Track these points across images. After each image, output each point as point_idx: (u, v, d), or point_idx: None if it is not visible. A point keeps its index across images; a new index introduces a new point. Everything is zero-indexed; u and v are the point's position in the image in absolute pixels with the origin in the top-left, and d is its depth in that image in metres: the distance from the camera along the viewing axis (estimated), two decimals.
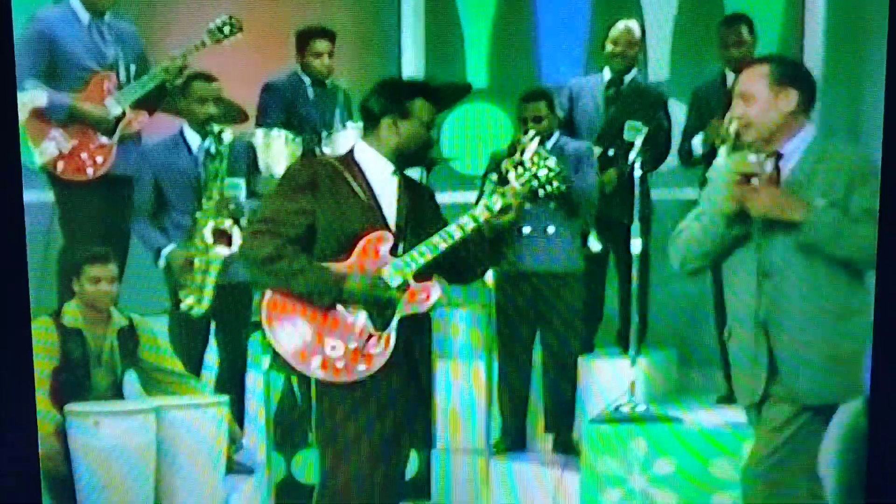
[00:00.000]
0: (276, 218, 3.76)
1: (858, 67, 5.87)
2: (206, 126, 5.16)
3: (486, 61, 6.81)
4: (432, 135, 3.93)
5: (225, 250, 5.02)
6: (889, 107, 3.72)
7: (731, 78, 5.55)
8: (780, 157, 3.71)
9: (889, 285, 3.64)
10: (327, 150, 5.51)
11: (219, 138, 5.11)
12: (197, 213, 5.08)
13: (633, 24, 5.89)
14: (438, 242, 3.77)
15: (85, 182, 5.37)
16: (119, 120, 5.38)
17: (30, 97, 5.21)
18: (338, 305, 3.73)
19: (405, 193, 3.87)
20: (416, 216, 3.85)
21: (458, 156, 6.43)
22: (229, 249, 5.00)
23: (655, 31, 6.53)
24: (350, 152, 3.90)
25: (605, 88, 5.86)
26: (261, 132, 5.56)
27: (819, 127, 3.82)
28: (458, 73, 6.66)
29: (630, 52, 5.84)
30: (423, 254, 3.77)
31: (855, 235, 3.59)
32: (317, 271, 3.71)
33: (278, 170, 5.32)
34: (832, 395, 3.64)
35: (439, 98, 3.93)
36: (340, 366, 3.72)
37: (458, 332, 5.87)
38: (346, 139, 5.40)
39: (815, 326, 3.65)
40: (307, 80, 5.80)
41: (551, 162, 3.90)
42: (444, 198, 4.12)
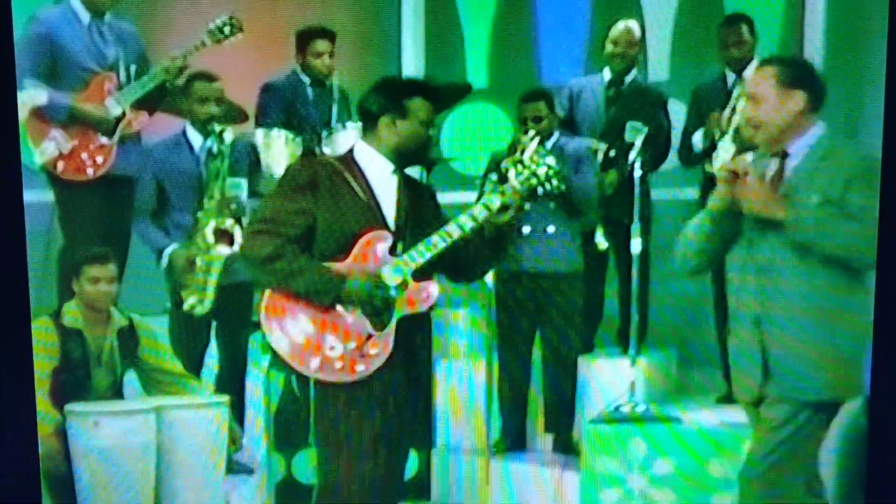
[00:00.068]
0: (275, 218, 3.76)
1: (858, 67, 5.86)
2: (207, 126, 5.16)
3: (486, 61, 6.80)
4: (432, 134, 3.93)
5: (227, 250, 5.01)
6: (889, 107, 3.72)
7: (731, 78, 5.56)
8: (786, 156, 3.71)
9: (889, 285, 3.64)
10: (327, 149, 5.50)
11: (220, 138, 5.11)
12: (198, 212, 5.09)
13: (633, 24, 5.88)
14: (437, 242, 3.77)
15: (85, 182, 5.37)
16: (119, 120, 5.38)
17: (29, 96, 5.21)
18: (337, 305, 3.73)
19: (405, 193, 3.86)
20: (415, 216, 3.86)
21: (458, 156, 6.42)
22: (231, 249, 5.00)
23: (655, 31, 6.53)
24: (350, 152, 3.91)
25: (605, 89, 5.85)
26: (261, 132, 5.56)
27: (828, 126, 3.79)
28: (458, 73, 6.65)
29: (630, 52, 5.84)
30: (421, 253, 3.77)
31: (845, 233, 3.59)
32: (316, 271, 3.71)
33: (278, 170, 5.31)
34: (827, 393, 3.65)
35: (438, 97, 3.93)
36: (339, 366, 3.72)
37: (458, 331, 5.87)
38: (346, 139, 5.39)
39: (808, 324, 3.65)
40: (306, 80, 5.79)
41: (551, 160, 3.91)
42: (444, 198, 4.12)
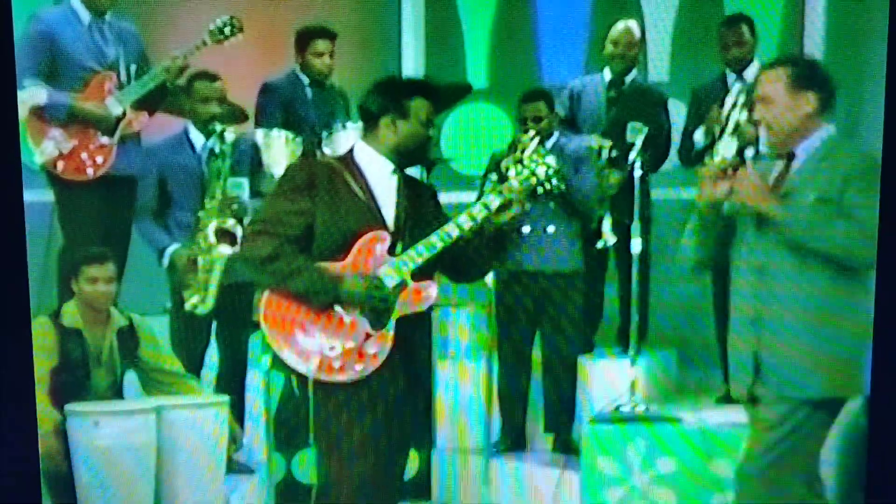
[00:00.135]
0: (274, 218, 3.76)
1: (858, 67, 5.86)
2: (209, 126, 5.16)
3: (486, 61, 6.80)
4: (432, 134, 3.93)
5: (228, 250, 5.00)
6: (889, 106, 3.72)
7: (731, 78, 5.56)
8: (792, 157, 3.71)
9: (889, 285, 3.63)
10: (327, 150, 5.50)
11: (221, 138, 5.11)
12: (200, 212, 5.09)
13: (633, 24, 5.89)
14: (436, 242, 3.76)
15: (85, 182, 5.37)
16: (119, 120, 5.37)
17: (29, 95, 5.20)
18: (335, 306, 3.73)
19: (405, 193, 3.86)
20: (415, 216, 3.85)
21: (458, 156, 6.42)
22: (233, 249, 4.99)
23: (655, 32, 6.53)
24: (350, 152, 3.90)
25: (605, 89, 5.86)
26: (261, 132, 5.56)
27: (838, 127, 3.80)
28: (458, 74, 6.66)
29: (630, 52, 5.84)
30: (420, 253, 3.76)
31: (837, 231, 3.58)
32: (314, 271, 3.71)
33: (278, 170, 5.31)
34: (822, 392, 3.64)
35: (438, 97, 3.93)
36: (337, 365, 3.72)
37: (458, 331, 5.87)
38: (346, 139, 5.39)
39: (804, 324, 3.64)
40: (305, 80, 5.78)
41: (550, 160, 3.90)
42: (444, 198, 4.11)
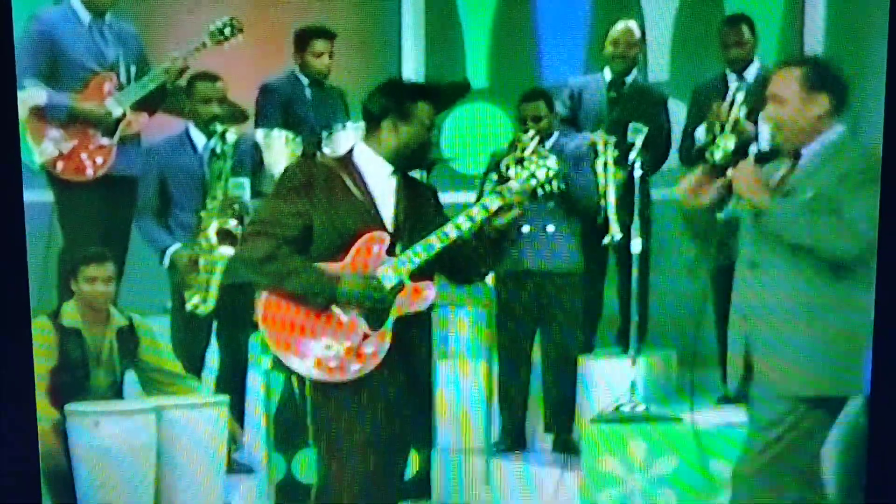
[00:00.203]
0: (272, 219, 3.76)
1: (858, 67, 5.86)
2: (210, 126, 5.15)
3: (486, 61, 6.80)
4: (432, 138, 3.92)
5: (230, 250, 4.99)
6: (889, 106, 3.72)
7: (731, 78, 5.56)
8: (798, 157, 3.71)
9: (889, 285, 3.63)
10: (327, 150, 5.50)
11: (223, 138, 5.11)
12: (201, 212, 5.08)
13: (633, 24, 5.88)
14: (434, 242, 3.75)
15: (84, 182, 5.37)
16: (119, 121, 5.37)
17: (29, 95, 5.21)
18: (332, 306, 3.73)
19: (404, 193, 3.85)
20: (415, 216, 3.84)
21: (458, 156, 6.42)
22: (234, 249, 4.99)
23: (655, 32, 6.53)
24: (349, 153, 3.89)
25: (606, 90, 5.85)
26: (261, 132, 5.55)
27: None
28: (458, 73, 6.65)
29: (630, 53, 5.83)
30: (418, 254, 3.74)
31: (821, 226, 3.57)
32: (311, 272, 3.70)
33: (278, 170, 5.31)
34: (815, 389, 3.64)
35: (440, 99, 3.93)
36: (334, 365, 3.71)
37: (458, 331, 5.86)
38: (346, 139, 5.39)
39: (794, 320, 3.64)
40: (304, 81, 5.78)
41: (551, 161, 3.90)
42: (444, 198, 4.11)
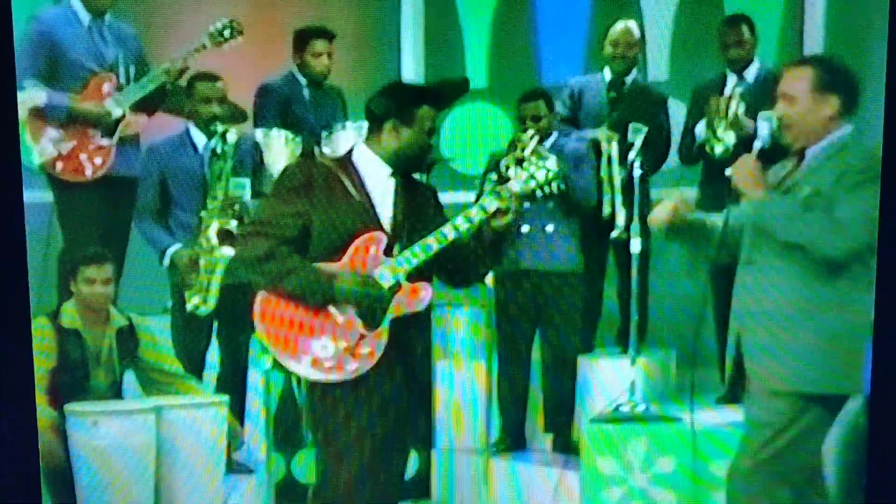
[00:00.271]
0: (270, 219, 3.77)
1: (858, 67, 5.85)
2: (210, 126, 5.15)
3: (486, 61, 6.81)
4: (433, 142, 3.92)
5: (230, 250, 4.99)
6: (889, 106, 3.72)
7: (731, 78, 5.56)
8: (803, 156, 3.71)
9: (889, 285, 3.63)
10: (327, 150, 5.50)
11: (223, 138, 5.10)
12: (202, 212, 5.08)
13: (633, 24, 5.88)
14: (432, 243, 3.75)
15: (84, 182, 5.37)
16: (119, 121, 5.37)
17: (28, 95, 5.21)
18: (329, 305, 3.73)
19: (403, 194, 3.85)
20: (414, 217, 3.84)
21: (458, 156, 6.43)
22: (234, 250, 4.98)
23: (655, 31, 6.53)
24: (348, 154, 3.90)
25: (606, 90, 5.85)
26: (261, 132, 5.55)
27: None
28: (458, 74, 6.65)
29: (630, 53, 5.83)
30: (416, 254, 3.74)
31: (805, 222, 3.57)
32: (308, 271, 3.70)
33: (278, 170, 5.30)
34: (811, 387, 3.64)
35: (440, 100, 3.92)
36: (330, 364, 3.71)
37: (458, 330, 5.87)
38: (346, 139, 5.39)
39: (788, 318, 3.64)
40: (303, 81, 5.78)
41: (550, 163, 3.89)
42: (444, 198, 4.11)
